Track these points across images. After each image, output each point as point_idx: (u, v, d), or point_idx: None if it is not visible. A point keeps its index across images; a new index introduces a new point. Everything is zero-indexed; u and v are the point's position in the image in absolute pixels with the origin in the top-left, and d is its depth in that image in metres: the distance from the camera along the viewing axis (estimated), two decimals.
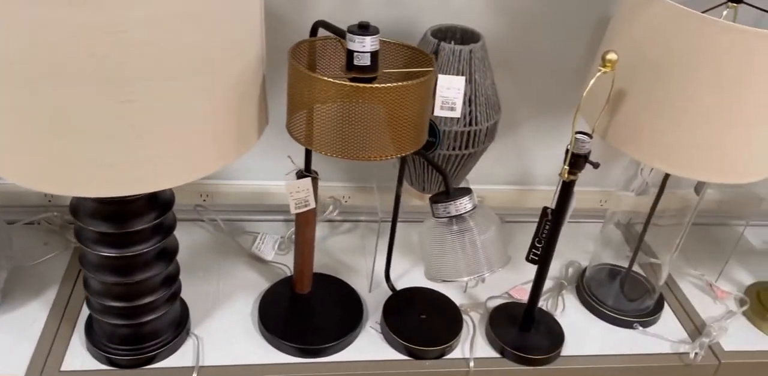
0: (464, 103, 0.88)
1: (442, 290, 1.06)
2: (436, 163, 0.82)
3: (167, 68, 0.57)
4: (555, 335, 0.99)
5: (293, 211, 0.89)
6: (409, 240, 1.16)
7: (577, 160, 0.81)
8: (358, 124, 0.66)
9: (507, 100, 1.11)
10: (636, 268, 1.15)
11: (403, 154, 0.71)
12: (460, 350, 0.97)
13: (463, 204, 0.81)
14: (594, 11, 1.03)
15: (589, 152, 0.81)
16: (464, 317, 1.02)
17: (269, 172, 1.13)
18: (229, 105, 0.64)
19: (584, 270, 1.13)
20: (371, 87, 0.64)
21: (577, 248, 1.21)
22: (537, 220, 0.88)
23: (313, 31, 0.78)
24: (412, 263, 1.12)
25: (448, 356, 0.96)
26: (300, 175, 0.88)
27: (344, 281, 1.05)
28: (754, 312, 1.08)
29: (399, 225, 0.98)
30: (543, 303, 1.08)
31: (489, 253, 0.81)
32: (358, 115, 0.66)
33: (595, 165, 0.81)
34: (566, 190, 0.85)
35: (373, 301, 1.03)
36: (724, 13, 0.85)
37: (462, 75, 0.87)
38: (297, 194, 0.89)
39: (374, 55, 0.68)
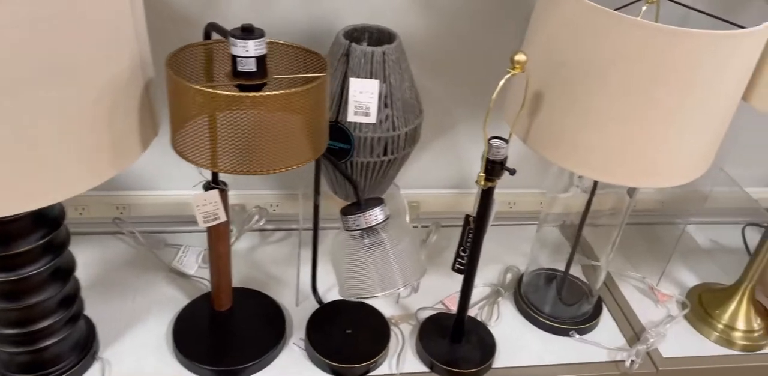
0: (379, 107, 0.84)
1: (372, 302, 1.02)
2: (345, 171, 0.78)
3: (6, 79, 0.51)
4: (487, 347, 0.96)
5: (202, 225, 0.84)
6: None
7: (493, 167, 0.77)
8: (242, 137, 0.61)
9: (440, 101, 1.07)
10: (579, 271, 1.12)
11: (297, 166, 0.66)
12: (387, 366, 0.93)
13: (375, 215, 0.76)
14: (524, 6, 0.99)
15: (506, 158, 0.77)
16: (394, 329, 0.98)
17: (191, 181, 1.08)
18: (95, 117, 0.59)
19: (522, 276, 1.09)
20: (249, 96, 0.59)
21: (518, 251, 1.17)
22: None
23: (207, 35, 0.73)
24: None
25: (373, 373, 0.91)
26: (207, 187, 0.83)
27: (268, 296, 1.00)
28: (696, 316, 1.05)
29: (327, 234, 0.94)
30: (478, 312, 1.04)
31: (403, 266, 0.77)
32: (242, 127, 0.61)
33: (511, 172, 0.77)
34: (486, 197, 0.81)
35: (301, 315, 0.98)
36: (644, 8, 0.81)
37: (375, 78, 0.83)
38: (204, 207, 0.83)
39: (261, 60, 0.63)
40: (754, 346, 1.02)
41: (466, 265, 0.88)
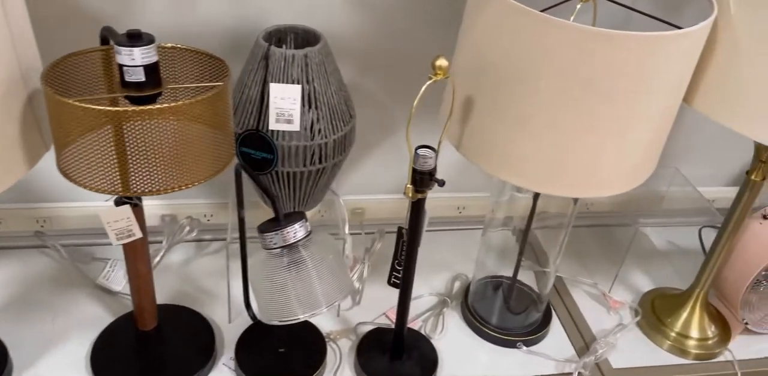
0: (304, 114, 0.78)
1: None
2: (263, 183, 0.72)
3: None
4: (428, 362, 0.91)
5: (115, 242, 0.78)
6: None
7: (422, 178, 0.72)
8: (134, 155, 0.56)
9: (381, 102, 1.02)
10: (531, 278, 1.08)
11: (195, 184, 0.61)
12: None
13: (294, 232, 0.71)
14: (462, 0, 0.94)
15: (435, 168, 0.72)
16: (332, 345, 0.93)
17: None
18: None
19: (469, 284, 1.04)
20: (129, 110, 0.53)
21: (469, 258, 1.13)
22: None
23: (104, 40, 0.67)
24: None
25: None
26: (119, 201, 0.77)
27: (198, 313, 0.94)
28: (648, 324, 1.02)
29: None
30: (422, 324, 0.99)
31: (327, 285, 0.72)
32: (133, 144, 0.55)
33: (440, 183, 0.72)
34: (416, 209, 0.76)
35: (234, 333, 0.92)
36: (578, 7, 0.76)
37: (298, 83, 0.77)
38: (116, 223, 0.78)
39: (151, 68, 0.58)
40: (708, 354, 0.99)
41: (402, 278, 0.84)
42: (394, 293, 1.03)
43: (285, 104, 0.77)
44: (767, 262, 0.92)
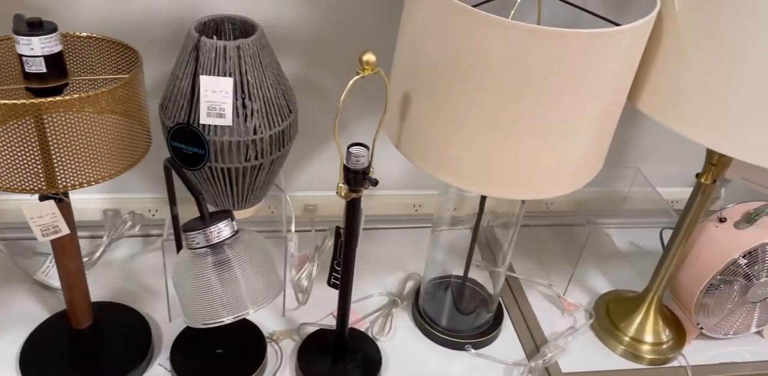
0: (237, 108, 0.75)
1: (253, 316, 0.94)
2: (188, 179, 0.69)
3: None
4: (372, 365, 0.89)
5: (40, 239, 0.76)
6: None
7: (355, 177, 0.70)
8: (33, 149, 0.53)
9: (330, 95, 0.99)
10: (486, 278, 1.05)
11: (104, 180, 0.58)
12: None
13: (218, 231, 0.68)
14: None
15: (368, 167, 0.70)
16: (275, 347, 0.90)
17: None
18: None
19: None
20: (23, 104, 0.50)
21: (424, 257, 1.10)
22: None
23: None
24: None
25: None
26: (43, 196, 0.74)
27: (137, 311, 0.92)
28: (602, 327, 0.99)
29: None
30: (369, 325, 0.97)
31: (253, 286, 0.69)
32: (32, 138, 0.52)
33: (373, 182, 0.69)
34: (351, 208, 0.74)
35: (173, 332, 0.90)
36: (518, 0, 0.73)
37: (230, 75, 0.74)
38: (40, 219, 0.75)
39: (53, 58, 0.55)
40: (663, 359, 0.97)
41: (341, 279, 0.81)
42: None
43: (216, 98, 0.74)
44: (721, 266, 0.90)
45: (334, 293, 1.00)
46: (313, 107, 0.99)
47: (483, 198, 0.88)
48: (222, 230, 0.68)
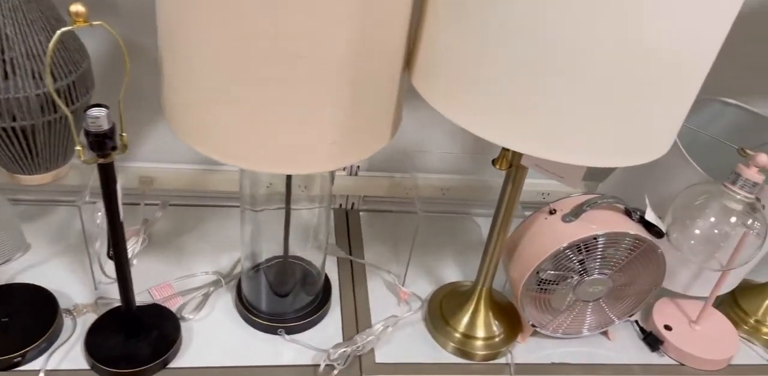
0: None
1: (65, 286, 0.91)
2: None
3: None
4: (166, 344, 0.85)
5: None
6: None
7: (97, 141, 0.65)
8: None
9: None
10: (334, 262, 1.01)
11: None
12: (41, 362, 0.82)
13: None
14: None
15: (112, 130, 0.65)
16: (73, 320, 0.87)
17: None
18: None
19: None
20: None
21: (267, 237, 1.05)
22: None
23: None
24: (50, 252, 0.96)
25: (21, 368, 0.81)
26: None
27: None
28: (432, 318, 0.94)
29: None
30: (184, 304, 0.93)
31: None
32: None
33: (116, 148, 0.65)
34: (103, 174, 0.69)
35: None
36: None
37: None
38: None
39: None
40: (494, 354, 0.92)
41: (114, 250, 0.77)
42: (172, 269, 0.98)
43: None
44: (542, 258, 0.84)
45: (161, 268, 0.97)
46: (141, 73, 0.94)
47: (288, 177, 0.84)
48: None
